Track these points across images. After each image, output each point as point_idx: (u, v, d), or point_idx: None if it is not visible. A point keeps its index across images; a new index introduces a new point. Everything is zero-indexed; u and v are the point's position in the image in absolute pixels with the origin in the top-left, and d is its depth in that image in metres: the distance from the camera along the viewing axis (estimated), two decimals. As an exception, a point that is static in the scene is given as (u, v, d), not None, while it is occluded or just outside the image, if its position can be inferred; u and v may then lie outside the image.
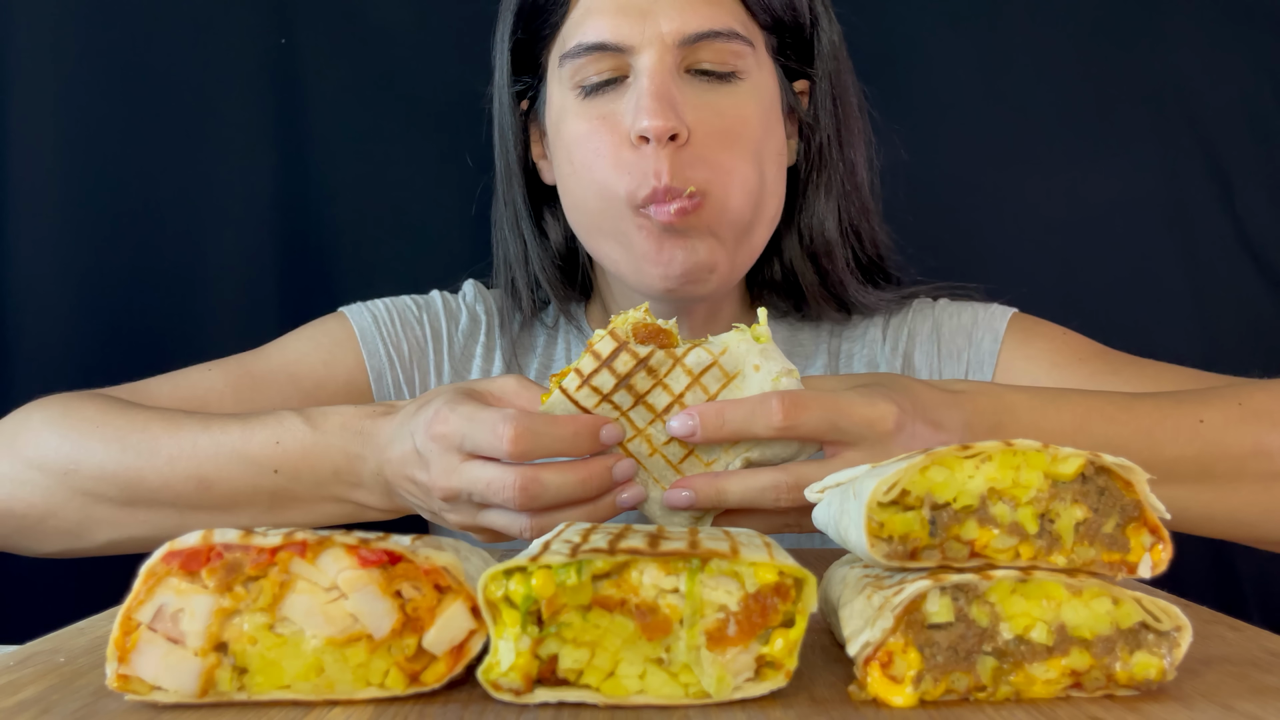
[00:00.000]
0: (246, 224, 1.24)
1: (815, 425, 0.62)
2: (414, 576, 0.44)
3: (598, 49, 0.83)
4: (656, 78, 0.81)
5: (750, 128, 0.85)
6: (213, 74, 1.23)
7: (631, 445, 0.66)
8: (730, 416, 0.62)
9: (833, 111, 0.93)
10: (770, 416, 0.61)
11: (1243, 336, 1.22)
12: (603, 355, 0.63)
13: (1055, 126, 1.24)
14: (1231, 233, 1.23)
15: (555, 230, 0.98)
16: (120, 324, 1.23)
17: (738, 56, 0.85)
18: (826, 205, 0.94)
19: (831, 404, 0.62)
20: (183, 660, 0.43)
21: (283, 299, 1.25)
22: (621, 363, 0.63)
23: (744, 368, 0.64)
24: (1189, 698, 0.43)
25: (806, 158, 0.94)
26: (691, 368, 0.63)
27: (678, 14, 0.82)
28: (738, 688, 0.43)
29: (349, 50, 1.25)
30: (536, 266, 0.97)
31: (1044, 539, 0.43)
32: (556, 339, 1.02)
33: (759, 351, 0.64)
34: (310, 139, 1.25)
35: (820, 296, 0.96)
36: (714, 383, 0.64)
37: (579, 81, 0.85)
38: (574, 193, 0.88)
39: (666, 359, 0.63)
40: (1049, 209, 1.24)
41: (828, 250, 0.94)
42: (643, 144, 0.81)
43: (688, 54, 0.83)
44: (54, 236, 1.22)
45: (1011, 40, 1.25)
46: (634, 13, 0.82)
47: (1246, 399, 0.72)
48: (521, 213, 0.97)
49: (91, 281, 1.22)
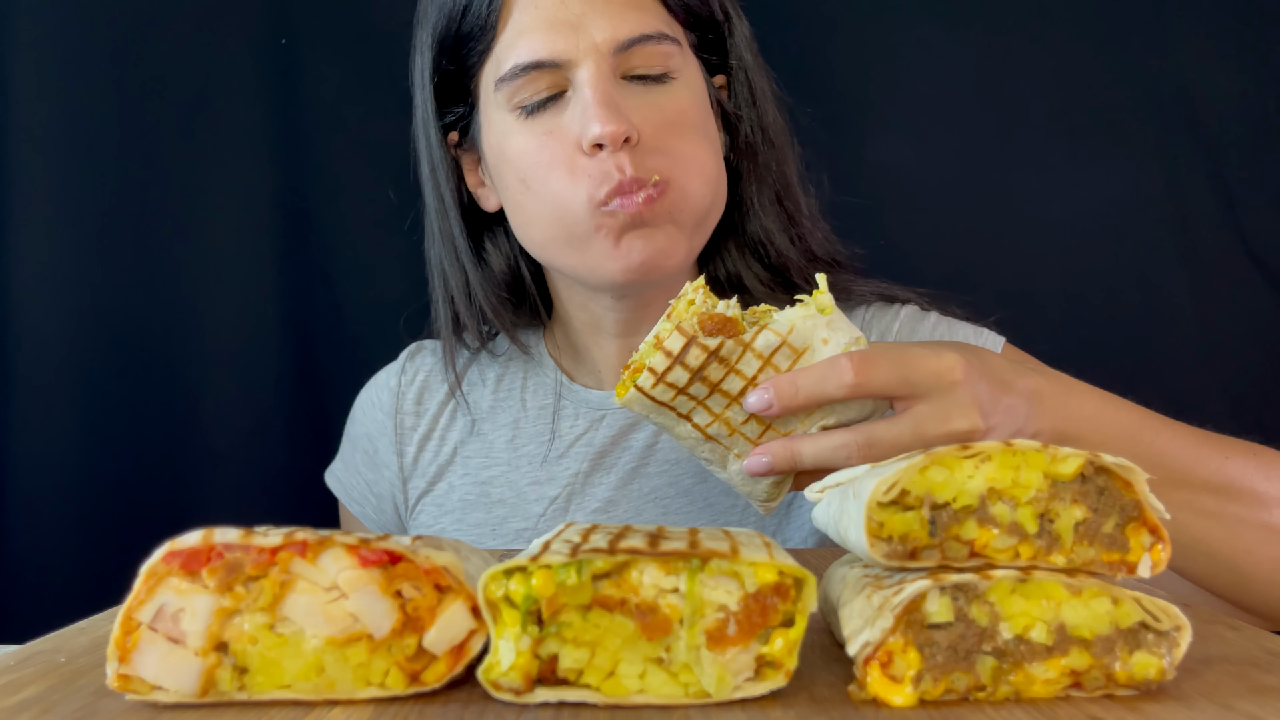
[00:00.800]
0: (246, 224, 1.24)
1: (886, 379, 0.63)
2: (414, 576, 0.44)
3: (534, 68, 0.83)
4: (599, 86, 0.81)
5: (694, 118, 0.87)
6: (213, 74, 1.23)
7: (711, 429, 0.67)
8: (803, 383, 0.63)
9: (751, 104, 0.94)
10: (842, 375, 0.62)
11: (1243, 337, 1.22)
12: (674, 352, 0.64)
13: (1055, 127, 1.24)
14: (1231, 233, 1.23)
15: (497, 258, 0.97)
16: (120, 323, 1.23)
17: (669, 57, 0.85)
18: (762, 198, 0.94)
19: (899, 358, 0.63)
20: (183, 660, 0.43)
21: (283, 299, 1.25)
22: (693, 357, 0.64)
23: (813, 342, 0.65)
24: (1188, 697, 0.43)
25: (735, 150, 0.94)
26: (761, 351, 0.64)
27: (608, 22, 0.82)
28: (738, 687, 0.43)
29: (349, 50, 1.25)
30: (481, 297, 0.96)
31: (1044, 539, 0.43)
32: (510, 369, 1.01)
33: (825, 324, 0.65)
34: (310, 139, 1.25)
35: (769, 286, 0.95)
36: (784, 361, 0.64)
37: (519, 103, 0.85)
38: (528, 209, 0.87)
39: (736, 346, 0.64)
40: (1049, 209, 1.24)
41: (769, 240, 0.94)
42: (596, 152, 0.81)
43: (622, 61, 0.83)
44: (54, 236, 1.22)
45: (1011, 41, 1.25)
46: (565, 27, 0.82)
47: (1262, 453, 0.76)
48: (461, 245, 0.95)
49: (91, 281, 1.22)
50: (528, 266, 0.97)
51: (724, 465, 0.69)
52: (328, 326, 1.26)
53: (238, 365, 1.24)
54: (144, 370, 1.23)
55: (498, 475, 0.97)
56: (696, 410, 0.66)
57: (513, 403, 0.99)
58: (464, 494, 0.98)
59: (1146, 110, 1.23)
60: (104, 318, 1.22)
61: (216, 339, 1.23)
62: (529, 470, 0.96)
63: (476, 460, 0.99)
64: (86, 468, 1.21)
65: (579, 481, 0.95)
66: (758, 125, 0.94)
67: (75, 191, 1.22)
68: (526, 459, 0.97)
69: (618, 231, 0.82)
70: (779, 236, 0.94)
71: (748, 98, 0.94)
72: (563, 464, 0.96)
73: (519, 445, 0.98)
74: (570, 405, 0.97)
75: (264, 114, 1.24)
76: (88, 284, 1.22)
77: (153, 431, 1.22)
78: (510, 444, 0.98)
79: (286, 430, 1.24)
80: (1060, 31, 1.24)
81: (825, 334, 0.65)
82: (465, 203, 0.96)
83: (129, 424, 1.22)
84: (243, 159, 1.24)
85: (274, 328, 1.25)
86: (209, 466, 1.23)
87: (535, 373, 1.00)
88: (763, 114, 0.94)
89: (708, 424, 0.67)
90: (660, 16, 0.86)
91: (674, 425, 0.68)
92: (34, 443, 1.21)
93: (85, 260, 1.22)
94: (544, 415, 0.98)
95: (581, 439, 0.96)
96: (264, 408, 1.24)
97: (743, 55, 0.94)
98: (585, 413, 0.96)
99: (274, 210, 1.25)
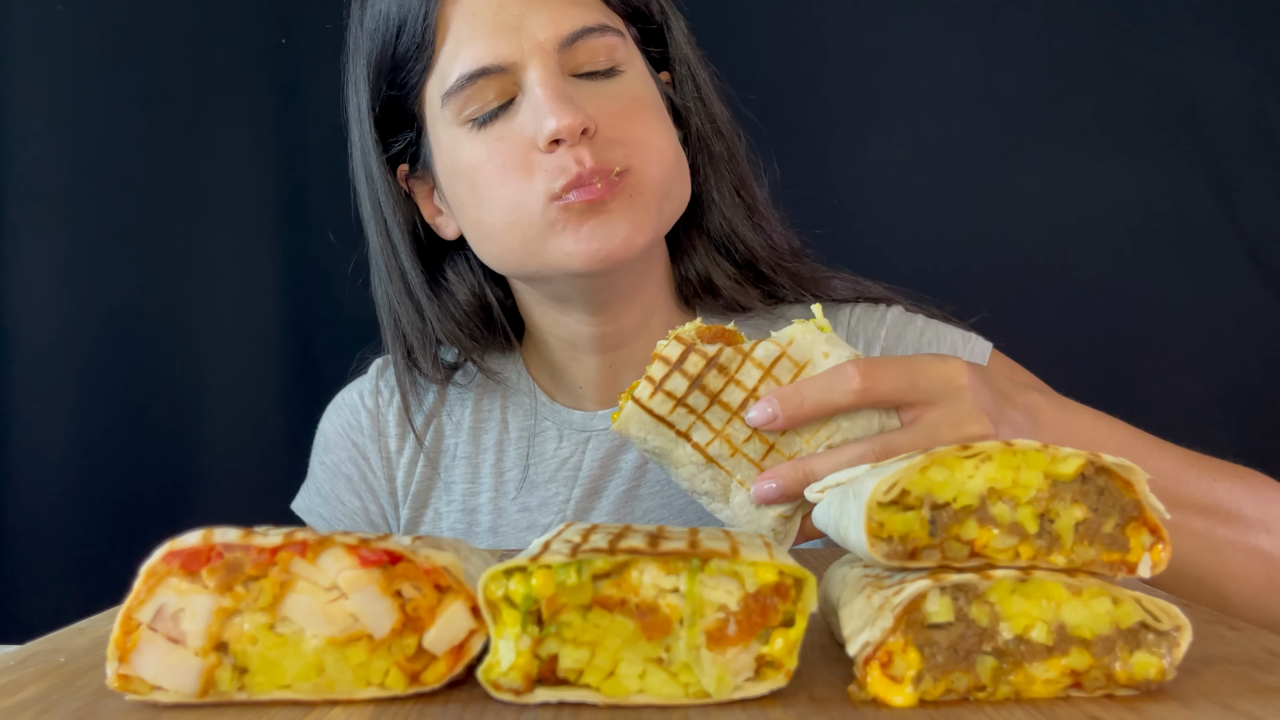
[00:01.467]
0: (246, 224, 1.24)
1: (893, 385, 0.61)
2: (414, 576, 0.44)
3: (480, 75, 0.81)
4: (549, 82, 0.80)
5: (648, 105, 0.86)
6: (213, 74, 1.23)
7: (711, 449, 0.64)
8: (809, 392, 0.61)
9: (698, 97, 0.93)
10: (849, 381, 0.60)
11: (1243, 337, 1.22)
12: (672, 359, 0.62)
13: (1055, 127, 1.24)
14: (1232, 233, 1.23)
15: (460, 286, 0.94)
16: (120, 324, 1.23)
17: (614, 50, 0.84)
18: (721, 190, 0.93)
19: (905, 364, 0.62)
20: (183, 660, 0.43)
21: (283, 298, 1.25)
22: (691, 364, 0.62)
23: (813, 355, 0.63)
24: (1188, 697, 0.43)
25: (688, 145, 0.93)
26: (761, 360, 0.63)
27: (549, 20, 0.81)
28: (738, 687, 0.43)
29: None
30: (438, 329, 0.92)
31: (1044, 539, 0.43)
32: (489, 389, 0.98)
33: (825, 339, 0.64)
34: (310, 139, 1.25)
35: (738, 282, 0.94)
36: (785, 374, 0.63)
37: (469, 115, 0.82)
38: (483, 222, 0.84)
39: (735, 355, 0.63)
40: (1049, 209, 1.24)
41: (735, 233, 0.93)
42: (554, 149, 0.79)
43: (567, 58, 0.82)
44: (54, 236, 1.22)
45: (1011, 41, 1.25)
46: (506, 30, 0.81)
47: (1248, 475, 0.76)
48: (414, 279, 0.91)
49: (91, 281, 1.22)
50: (494, 291, 0.94)
51: (727, 498, 0.65)
52: (328, 326, 1.26)
53: (238, 365, 1.24)
54: (144, 370, 1.23)
55: (484, 503, 0.95)
56: (696, 427, 0.63)
57: (494, 424, 0.96)
58: (452, 522, 0.95)
59: (1146, 110, 1.24)
60: (104, 318, 1.22)
61: (216, 339, 1.24)
62: (516, 496, 0.94)
63: (461, 486, 0.96)
64: (86, 468, 1.21)
65: (572, 509, 0.92)
66: (706, 118, 0.93)
67: (75, 191, 1.22)
68: (513, 484, 0.94)
69: (577, 220, 0.80)
70: (742, 227, 0.93)
71: (693, 92, 0.93)
72: (550, 488, 0.93)
73: (504, 469, 0.95)
74: (553, 426, 0.94)
75: (264, 114, 1.24)
76: (88, 284, 1.22)
77: (153, 432, 1.22)
78: (495, 467, 0.95)
79: (286, 430, 1.24)
80: (1060, 31, 1.24)
81: (825, 348, 0.63)
82: (422, 235, 0.93)
83: (129, 424, 1.22)
84: (243, 159, 1.24)
85: (274, 328, 1.25)
86: (209, 466, 1.23)
87: (515, 392, 0.97)
88: (709, 106, 0.93)
89: (708, 442, 0.64)
90: (600, 10, 0.85)
91: (672, 448, 0.64)
92: (34, 443, 1.21)
93: (85, 260, 1.22)
94: (526, 437, 0.95)
95: (568, 462, 0.93)
96: (264, 407, 1.24)
97: (683, 50, 0.93)
98: (570, 434, 0.94)
99: (274, 210, 1.25)
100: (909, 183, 1.25)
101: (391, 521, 0.98)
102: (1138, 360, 1.22)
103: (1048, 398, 0.70)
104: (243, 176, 1.24)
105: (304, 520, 1.01)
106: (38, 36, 1.22)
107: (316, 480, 1.01)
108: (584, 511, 0.92)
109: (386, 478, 0.98)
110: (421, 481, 0.96)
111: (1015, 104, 1.24)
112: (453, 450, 0.97)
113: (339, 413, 1.01)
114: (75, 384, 1.22)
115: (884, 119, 1.26)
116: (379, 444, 0.98)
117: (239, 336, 1.24)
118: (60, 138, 1.22)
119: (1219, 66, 1.23)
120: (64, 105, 1.22)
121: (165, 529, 0.47)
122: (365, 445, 0.98)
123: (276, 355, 1.25)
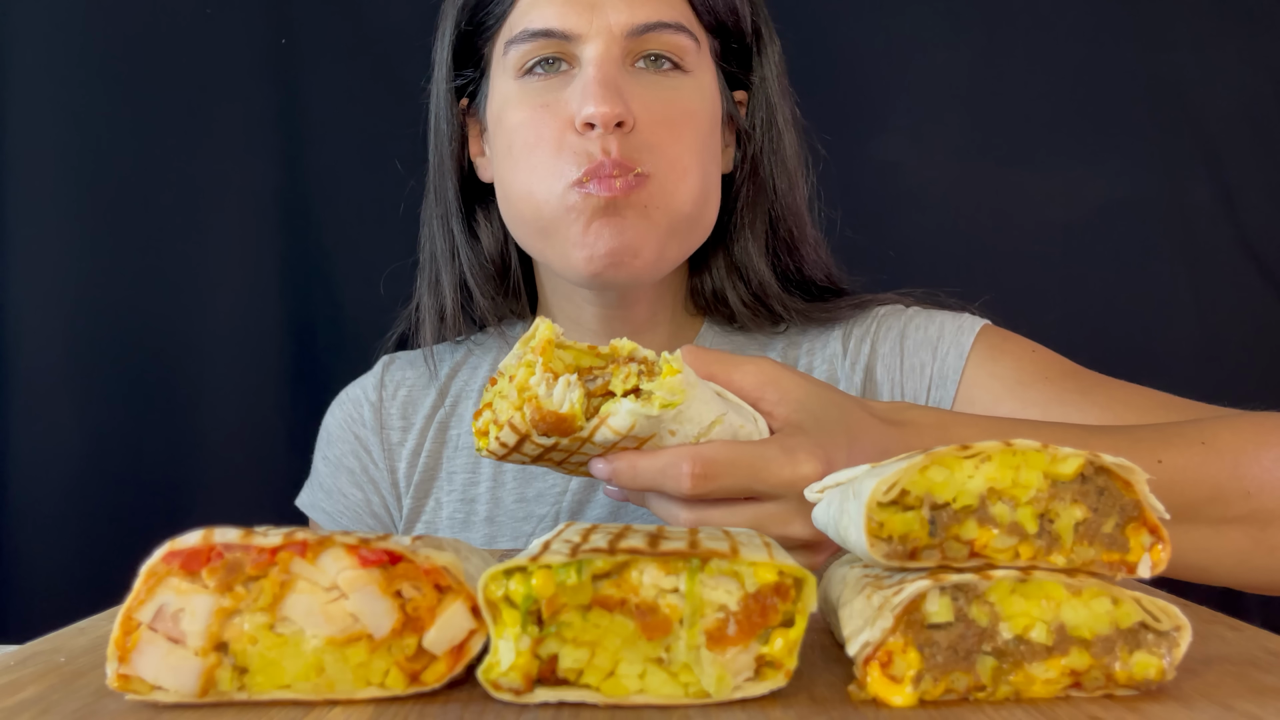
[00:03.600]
0: (246, 224, 1.24)
1: (729, 489, 0.60)
2: (414, 576, 0.44)
3: (544, 35, 0.83)
4: (603, 67, 0.81)
5: (696, 122, 0.86)
6: (213, 74, 1.23)
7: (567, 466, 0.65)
8: (642, 470, 0.60)
9: (769, 127, 0.93)
10: (680, 483, 0.59)
11: (1243, 337, 1.22)
12: (509, 445, 0.61)
13: (1055, 127, 1.24)
14: (1232, 233, 1.23)
15: (487, 234, 0.96)
16: (120, 323, 1.23)
17: (682, 51, 0.85)
18: (754, 223, 0.93)
19: (748, 468, 0.60)
20: (183, 660, 0.43)
21: (283, 298, 1.25)
22: (529, 449, 0.61)
23: (659, 432, 0.60)
24: (1189, 697, 0.43)
25: (740, 168, 0.93)
26: (600, 445, 0.60)
27: (625, 6, 0.82)
28: (738, 687, 0.43)
29: (349, 50, 1.25)
30: (465, 265, 0.95)
31: (1043, 539, 0.43)
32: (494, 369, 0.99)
33: (672, 417, 0.59)
34: (310, 139, 1.25)
35: (750, 308, 0.94)
36: (631, 444, 0.61)
37: (522, 67, 0.85)
38: (511, 182, 0.86)
39: (572, 444, 0.60)
40: (1048, 209, 1.24)
41: (752, 265, 0.93)
42: (588, 130, 0.80)
43: (634, 45, 0.83)
44: (53, 236, 1.22)
45: (1010, 41, 1.25)
46: (583, 4, 0.82)
47: (1211, 438, 0.69)
48: (452, 208, 0.94)
49: (91, 281, 1.22)
50: (517, 252, 0.96)
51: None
52: (328, 326, 1.26)
53: (238, 365, 1.24)
54: (144, 370, 1.23)
55: (483, 493, 0.95)
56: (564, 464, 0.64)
57: None
58: (451, 511, 0.96)
59: (1146, 110, 1.24)
60: (104, 318, 1.22)
61: (216, 339, 1.24)
62: (514, 487, 0.94)
63: (461, 476, 0.96)
64: (86, 468, 1.21)
65: (568, 500, 0.93)
66: (769, 150, 0.93)
67: (75, 191, 1.22)
68: (512, 474, 0.95)
69: (588, 216, 0.81)
70: (759, 262, 0.93)
71: (765, 120, 0.93)
72: (548, 480, 0.94)
73: None
74: None
75: (264, 114, 1.24)
76: (88, 284, 1.22)
77: (153, 431, 1.22)
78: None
79: (286, 430, 1.24)
80: (1060, 31, 1.24)
81: (673, 426, 0.60)
82: (465, 168, 0.95)
83: (129, 424, 1.22)
84: (243, 158, 1.24)
85: (274, 328, 1.25)
86: (209, 466, 1.23)
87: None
88: (778, 139, 0.93)
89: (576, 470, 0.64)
90: (681, 11, 0.86)
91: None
92: (34, 443, 1.21)
93: (85, 260, 1.22)
94: None
95: None
96: (264, 407, 1.24)
97: (767, 76, 0.93)
98: None
99: (274, 210, 1.25)
100: (908, 182, 1.25)
101: (394, 512, 0.99)
102: (1137, 360, 1.22)
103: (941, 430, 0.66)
104: (243, 176, 1.24)
105: (308, 516, 1.02)
106: (37, 36, 1.22)
107: (319, 475, 1.02)
108: (580, 504, 0.93)
109: (388, 469, 0.98)
110: (424, 471, 0.97)
111: (1015, 104, 1.24)
112: (455, 441, 0.98)
113: (341, 408, 1.02)
114: (75, 384, 1.22)
115: (883, 119, 1.26)
116: (381, 436, 0.99)
117: (239, 336, 1.24)
118: (60, 138, 1.22)
119: (1219, 66, 1.23)
120: (64, 105, 1.22)
121: (165, 529, 0.47)
122: (367, 437, 0.99)
123: (276, 355, 1.25)
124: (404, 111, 1.24)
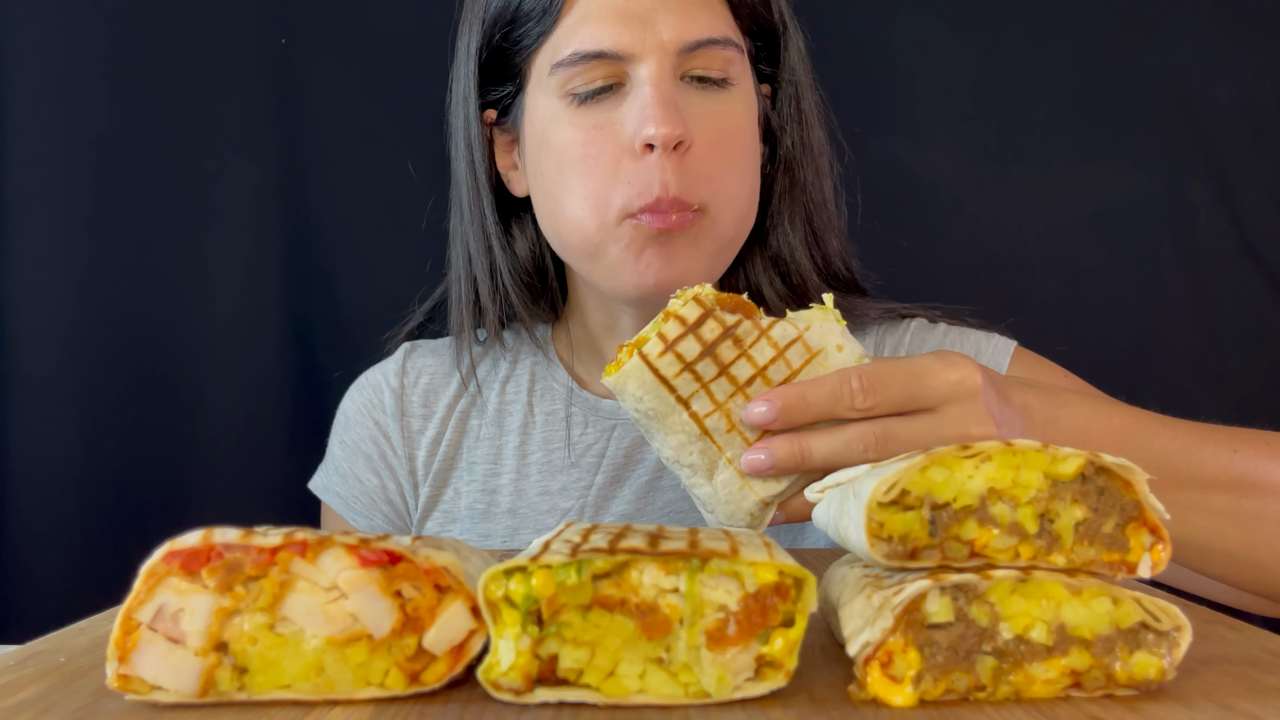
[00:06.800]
0: (246, 223, 1.24)
1: (897, 399, 0.60)
2: (414, 576, 0.44)
3: (595, 57, 0.81)
4: (661, 85, 0.80)
5: (743, 137, 0.86)
6: (213, 74, 1.23)
7: (708, 422, 0.62)
8: (813, 399, 0.60)
9: (797, 120, 0.93)
10: (854, 398, 0.59)
11: (1243, 337, 1.22)
12: (689, 320, 0.60)
13: (1055, 128, 1.24)
14: (1232, 233, 1.23)
15: (522, 244, 0.95)
16: (120, 324, 1.23)
17: (730, 64, 0.84)
18: (793, 216, 0.93)
19: (912, 374, 0.61)
20: (183, 660, 0.43)
21: (284, 298, 1.25)
22: (708, 329, 0.61)
23: (827, 345, 0.62)
24: (1189, 697, 0.43)
25: (772, 163, 0.93)
26: (777, 340, 0.61)
27: (677, 21, 0.81)
28: (738, 687, 0.43)
29: (349, 50, 1.25)
30: (506, 280, 0.94)
31: (1044, 539, 0.43)
32: (517, 371, 0.99)
33: (839, 332, 0.63)
34: (310, 139, 1.25)
35: (785, 301, 0.94)
36: (797, 358, 0.62)
37: (572, 90, 0.82)
38: (559, 201, 0.84)
39: (753, 329, 0.61)
40: (1049, 210, 1.24)
41: (793, 258, 0.93)
42: (647, 153, 0.79)
43: (683, 61, 0.82)
44: (53, 236, 1.22)
45: (1011, 41, 1.25)
46: (633, 20, 0.80)
47: (1273, 440, 0.74)
48: (490, 226, 0.93)
49: (91, 281, 1.22)
50: (552, 258, 0.95)
51: (711, 475, 0.63)
52: (328, 326, 1.26)
53: (238, 365, 1.24)
54: (144, 370, 1.23)
55: (505, 484, 0.95)
56: (698, 396, 0.61)
57: (519, 406, 0.97)
58: (471, 501, 0.96)
59: (1147, 110, 1.24)
60: (104, 318, 1.22)
61: (216, 339, 1.23)
62: (538, 479, 0.95)
63: (483, 467, 0.97)
64: (86, 468, 1.21)
65: (594, 495, 0.93)
66: (799, 142, 0.93)
67: (75, 191, 1.22)
68: (536, 467, 0.95)
69: (640, 245, 0.81)
70: (801, 254, 0.93)
71: (793, 113, 0.93)
72: (573, 474, 0.94)
73: (527, 452, 0.95)
74: (579, 412, 0.95)
75: (264, 114, 1.24)
76: (88, 284, 1.22)
77: (153, 432, 1.22)
78: (518, 450, 0.96)
79: (286, 430, 1.24)
80: (1061, 32, 1.24)
81: (840, 340, 0.62)
82: (497, 181, 0.94)
83: (129, 424, 1.22)
84: (243, 159, 1.24)
85: (274, 328, 1.25)
86: (209, 466, 1.23)
87: (543, 376, 0.98)
88: (807, 131, 0.93)
89: (707, 414, 0.61)
90: (727, 21, 0.85)
91: (668, 414, 0.62)
92: (34, 443, 1.21)
93: (85, 260, 1.22)
94: (551, 421, 0.96)
95: (591, 449, 0.94)
96: (264, 407, 1.24)
97: (795, 69, 0.93)
98: (595, 421, 0.95)
99: (274, 210, 1.25)
100: (907, 182, 1.25)
101: (409, 500, 0.99)
102: (1137, 359, 1.22)
103: (1040, 394, 0.68)
104: (243, 176, 1.24)
105: (321, 499, 1.02)
106: (37, 35, 1.21)
107: (335, 459, 1.02)
108: (605, 499, 0.93)
109: (407, 456, 0.98)
110: (444, 460, 0.97)
111: (1015, 104, 1.24)
112: (476, 431, 0.97)
113: (361, 392, 1.02)
114: (74, 383, 1.22)
115: (884, 120, 1.25)
116: (401, 423, 0.99)
117: (239, 336, 1.24)
118: (60, 136, 1.22)
119: (1219, 66, 1.23)
120: (64, 104, 1.22)
121: (165, 529, 0.47)
122: (387, 423, 0.99)
123: (276, 355, 1.25)
124: (404, 111, 1.24)
